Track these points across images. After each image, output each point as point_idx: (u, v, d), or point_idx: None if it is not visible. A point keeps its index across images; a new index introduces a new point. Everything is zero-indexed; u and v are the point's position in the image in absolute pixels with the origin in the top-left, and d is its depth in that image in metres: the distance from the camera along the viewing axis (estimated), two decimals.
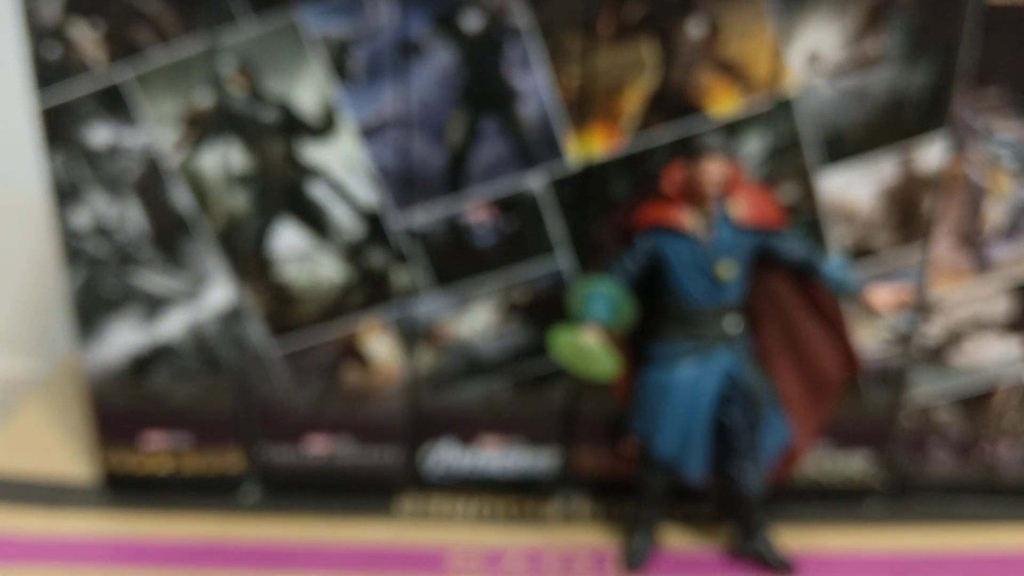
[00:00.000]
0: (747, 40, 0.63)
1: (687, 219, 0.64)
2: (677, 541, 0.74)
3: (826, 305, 0.68)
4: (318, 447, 0.76)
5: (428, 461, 0.77)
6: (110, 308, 0.72)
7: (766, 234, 0.65)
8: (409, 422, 0.76)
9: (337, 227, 0.69)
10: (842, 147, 0.67)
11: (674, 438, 0.67)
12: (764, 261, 0.66)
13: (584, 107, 0.65)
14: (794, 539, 0.73)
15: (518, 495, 0.78)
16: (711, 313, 0.65)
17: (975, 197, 0.69)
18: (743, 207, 0.64)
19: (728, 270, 0.64)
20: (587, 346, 0.63)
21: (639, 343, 0.69)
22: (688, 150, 0.62)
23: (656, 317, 0.67)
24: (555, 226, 0.69)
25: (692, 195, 0.63)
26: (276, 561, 0.70)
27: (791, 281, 0.68)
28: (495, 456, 0.77)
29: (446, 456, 0.77)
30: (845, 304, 0.70)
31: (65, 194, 0.68)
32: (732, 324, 0.66)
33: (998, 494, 0.78)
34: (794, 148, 0.67)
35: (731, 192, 0.64)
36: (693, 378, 0.66)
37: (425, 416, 0.75)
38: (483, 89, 0.64)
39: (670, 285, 0.65)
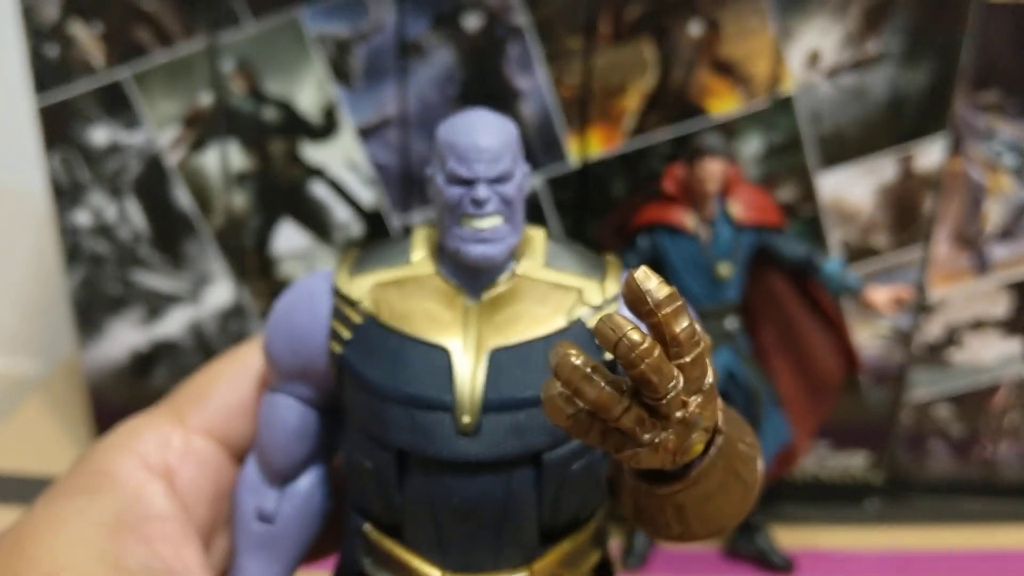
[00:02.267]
0: (747, 40, 0.63)
1: (687, 218, 0.64)
2: None
3: (825, 304, 0.68)
4: None
5: None
6: (110, 307, 0.72)
7: (765, 233, 0.65)
8: None
9: (337, 226, 0.69)
10: (842, 147, 0.67)
11: None
12: (763, 260, 0.66)
13: (584, 107, 0.65)
14: (794, 538, 0.73)
15: None
16: (711, 312, 0.65)
17: (975, 197, 0.69)
18: (742, 206, 0.64)
19: (728, 269, 0.64)
20: None
21: None
22: (688, 150, 0.62)
23: None
24: (554, 225, 0.69)
25: (692, 194, 0.63)
26: None
27: (790, 280, 0.68)
28: None
29: None
30: (845, 303, 0.70)
31: (65, 193, 0.68)
32: (731, 323, 0.66)
33: (998, 494, 0.78)
34: (794, 148, 0.67)
35: (731, 191, 0.64)
36: None
37: None
38: (483, 89, 0.64)
39: (670, 283, 0.65)
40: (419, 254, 0.35)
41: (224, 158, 0.67)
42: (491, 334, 0.33)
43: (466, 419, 0.32)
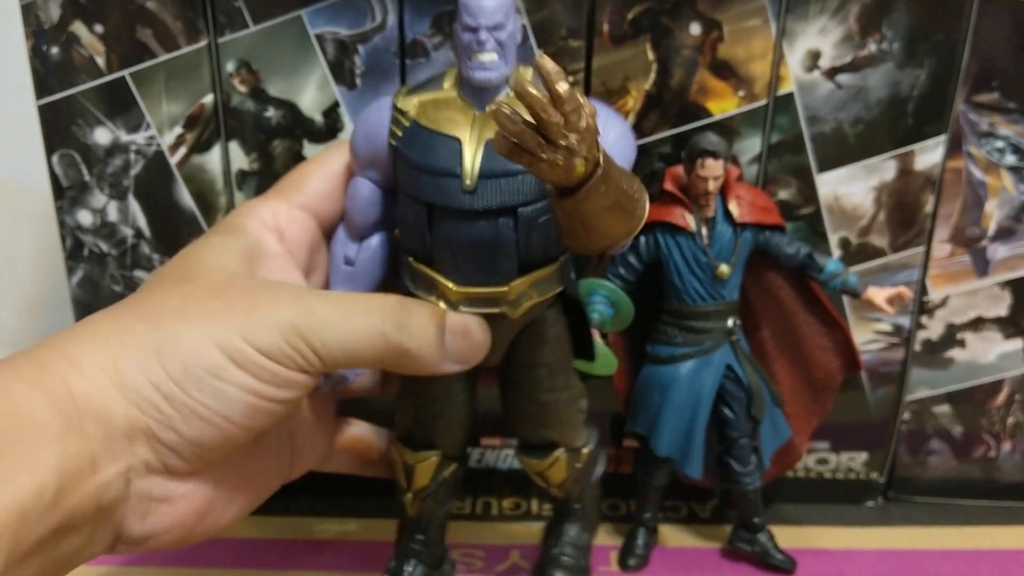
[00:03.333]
0: (747, 40, 0.64)
1: (688, 217, 0.64)
2: (677, 540, 0.74)
3: (825, 303, 0.68)
4: None
5: None
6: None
7: (765, 232, 0.65)
8: None
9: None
10: (842, 147, 0.67)
11: (675, 436, 0.67)
12: (763, 259, 0.67)
13: None
14: (793, 538, 0.73)
15: (519, 495, 0.78)
16: (710, 311, 0.65)
17: (976, 197, 0.69)
18: (742, 205, 0.64)
19: (728, 268, 0.64)
20: None
21: (638, 342, 0.69)
22: (688, 149, 0.62)
23: (655, 317, 0.68)
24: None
25: (693, 194, 0.63)
26: (276, 559, 0.71)
27: (790, 279, 0.68)
28: (496, 456, 0.77)
29: None
30: (844, 302, 0.70)
31: (67, 193, 0.68)
32: (732, 322, 0.66)
33: (998, 494, 0.78)
34: (794, 147, 0.67)
35: (731, 191, 0.64)
36: (693, 376, 0.66)
37: None
38: None
39: (670, 283, 0.66)
40: (448, 83, 0.53)
41: (226, 158, 0.67)
42: (488, 131, 0.51)
43: (468, 182, 0.50)
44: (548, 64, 0.44)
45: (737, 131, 0.66)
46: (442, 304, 0.53)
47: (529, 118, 0.44)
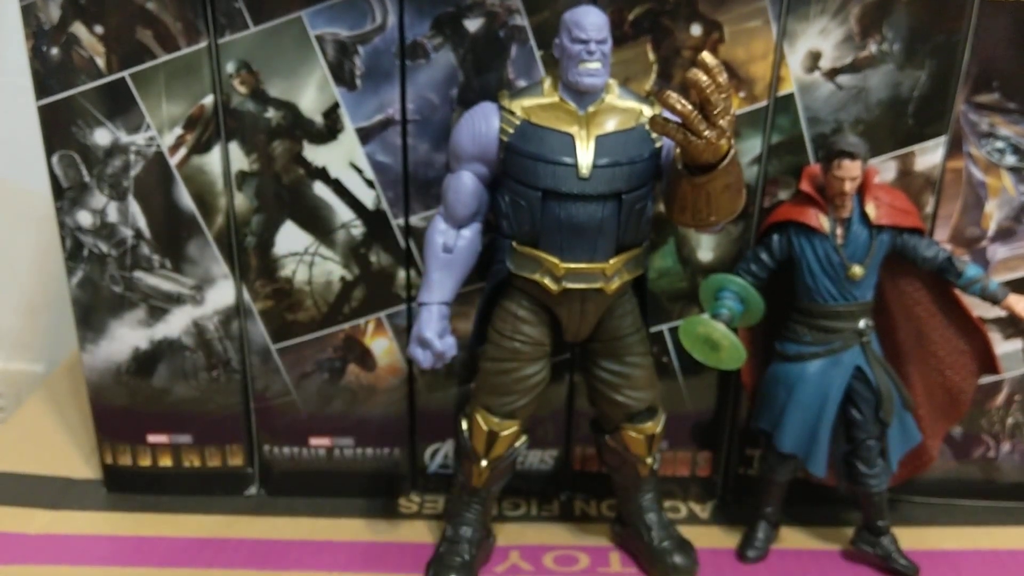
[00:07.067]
0: (748, 41, 0.64)
1: (822, 218, 0.64)
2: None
3: (963, 307, 0.67)
4: (319, 446, 0.76)
5: (430, 460, 0.78)
6: (112, 307, 0.72)
7: (903, 235, 0.65)
8: (411, 421, 0.76)
9: (338, 227, 0.69)
10: None
11: (799, 433, 0.67)
12: (901, 261, 0.66)
13: None
14: (791, 539, 0.73)
15: (520, 494, 0.78)
16: (841, 311, 0.65)
17: (975, 197, 0.69)
18: (880, 207, 0.64)
19: (861, 269, 0.64)
20: (716, 336, 0.63)
21: (766, 338, 0.69)
22: (825, 149, 0.63)
23: (785, 313, 0.67)
24: None
25: (828, 194, 0.63)
26: (277, 559, 0.71)
27: (928, 281, 0.67)
28: None
29: (448, 455, 0.77)
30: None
31: (67, 194, 0.68)
32: (864, 323, 0.65)
33: (998, 494, 0.78)
34: (796, 147, 0.67)
35: (868, 192, 0.64)
36: (821, 375, 0.66)
37: (427, 415, 0.75)
38: (483, 90, 0.65)
39: (801, 282, 0.65)
40: (548, 89, 0.60)
41: (226, 159, 0.67)
42: (594, 129, 0.58)
43: (584, 171, 0.57)
44: (710, 59, 0.51)
45: (737, 132, 0.66)
46: (547, 280, 0.60)
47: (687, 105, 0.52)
